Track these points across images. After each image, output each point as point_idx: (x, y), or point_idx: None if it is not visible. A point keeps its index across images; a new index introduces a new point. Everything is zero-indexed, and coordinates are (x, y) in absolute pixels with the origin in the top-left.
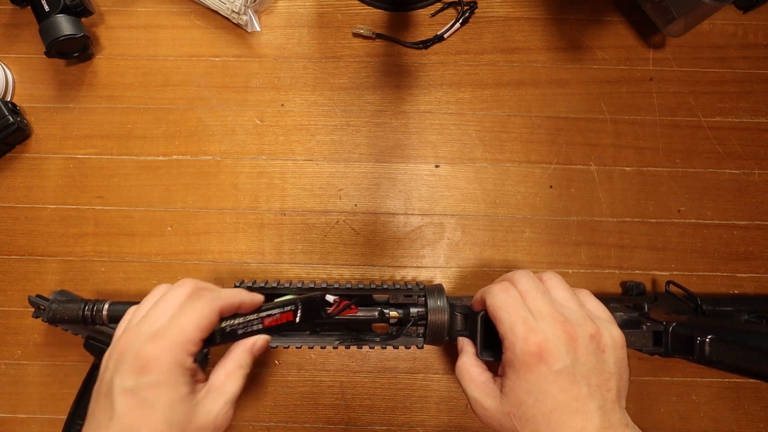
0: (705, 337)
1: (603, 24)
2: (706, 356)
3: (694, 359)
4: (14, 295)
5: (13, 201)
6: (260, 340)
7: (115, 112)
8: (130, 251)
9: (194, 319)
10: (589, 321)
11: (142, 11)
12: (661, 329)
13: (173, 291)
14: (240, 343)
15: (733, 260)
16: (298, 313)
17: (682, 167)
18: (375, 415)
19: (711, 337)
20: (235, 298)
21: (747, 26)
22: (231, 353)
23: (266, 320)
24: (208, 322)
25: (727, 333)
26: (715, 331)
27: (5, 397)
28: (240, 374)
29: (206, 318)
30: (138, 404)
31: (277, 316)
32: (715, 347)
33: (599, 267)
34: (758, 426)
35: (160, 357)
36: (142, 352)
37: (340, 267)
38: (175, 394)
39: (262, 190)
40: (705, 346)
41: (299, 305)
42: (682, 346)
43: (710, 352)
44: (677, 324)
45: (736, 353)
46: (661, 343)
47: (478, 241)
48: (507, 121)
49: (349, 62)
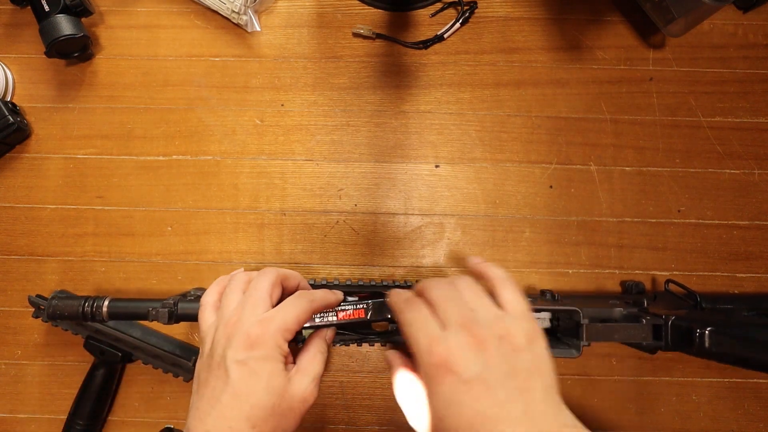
0: (705, 329)
1: (603, 24)
2: (706, 348)
3: (694, 352)
4: (14, 295)
5: (13, 201)
6: (330, 332)
7: (115, 112)
8: (130, 251)
9: (296, 314)
10: (499, 322)
11: (142, 11)
12: (661, 323)
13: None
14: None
15: (733, 260)
16: (370, 312)
17: (682, 167)
18: (375, 415)
19: (711, 329)
20: (327, 300)
21: (747, 26)
22: (311, 342)
23: (340, 314)
24: (305, 318)
25: (727, 325)
26: (714, 324)
27: (5, 397)
28: (320, 358)
29: (305, 314)
30: (248, 372)
31: (351, 312)
32: (715, 339)
33: (599, 267)
34: (758, 426)
35: (265, 337)
36: (252, 331)
37: (340, 267)
38: (275, 368)
39: (262, 190)
40: (705, 339)
41: (371, 305)
42: (681, 339)
43: (710, 344)
44: (677, 317)
45: (736, 345)
46: (661, 337)
47: (478, 241)
48: (507, 121)
49: (349, 62)
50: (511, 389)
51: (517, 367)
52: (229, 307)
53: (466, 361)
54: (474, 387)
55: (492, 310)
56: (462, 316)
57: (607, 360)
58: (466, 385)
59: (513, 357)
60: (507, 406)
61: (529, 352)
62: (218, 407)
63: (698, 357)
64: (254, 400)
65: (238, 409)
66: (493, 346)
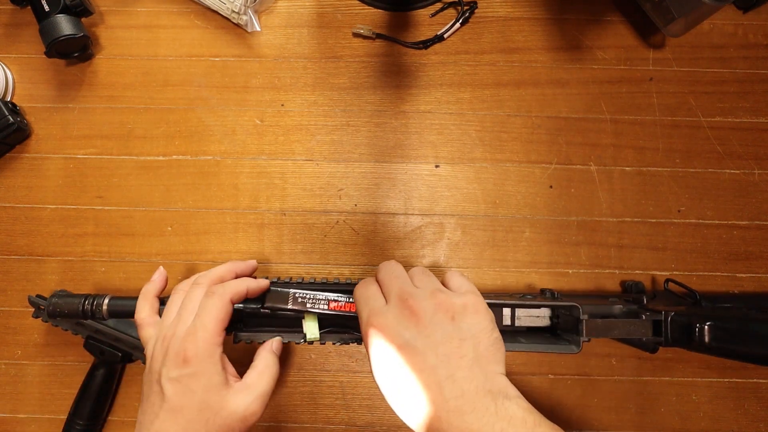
0: (704, 323)
1: (603, 24)
2: (706, 343)
3: (694, 347)
4: (14, 295)
5: (13, 201)
6: (275, 342)
7: (115, 112)
8: (130, 251)
9: (213, 316)
10: (438, 294)
11: (142, 11)
12: (661, 318)
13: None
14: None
15: (733, 260)
16: None
17: (682, 167)
18: (375, 415)
19: (710, 323)
20: (241, 286)
21: (747, 26)
22: (258, 356)
23: (332, 304)
24: (224, 313)
25: (727, 320)
26: (714, 319)
27: (5, 397)
28: (268, 374)
29: (221, 311)
30: (182, 390)
31: (343, 304)
32: (715, 333)
33: (599, 267)
34: (758, 426)
35: (195, 351)
36: (181, 348)
37: (340, 267)
38: (209, 383)
39: (262, 190)
40: (704, 333)
41: None
42: (681, 334)
43: (710, 338)
44: (676, 313)
45: (736, 339)
46: (660, 333)
47: (478, 241)
48: (507, 121)
49: (349, 62)
50: (441, 355)
51: (449, 335)
52: (165, 321)
53: (398, 331)
54: (404, 353)
55: (435, 285)
56: (402, 290)
57: (607, 360)
58: (397, 352)
59: (448, 325)
60: (432, 371)
61: (465, 322)
62: (156, 423)
63: (698, 352)
64: (189, 416)
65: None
66: (428, 317)
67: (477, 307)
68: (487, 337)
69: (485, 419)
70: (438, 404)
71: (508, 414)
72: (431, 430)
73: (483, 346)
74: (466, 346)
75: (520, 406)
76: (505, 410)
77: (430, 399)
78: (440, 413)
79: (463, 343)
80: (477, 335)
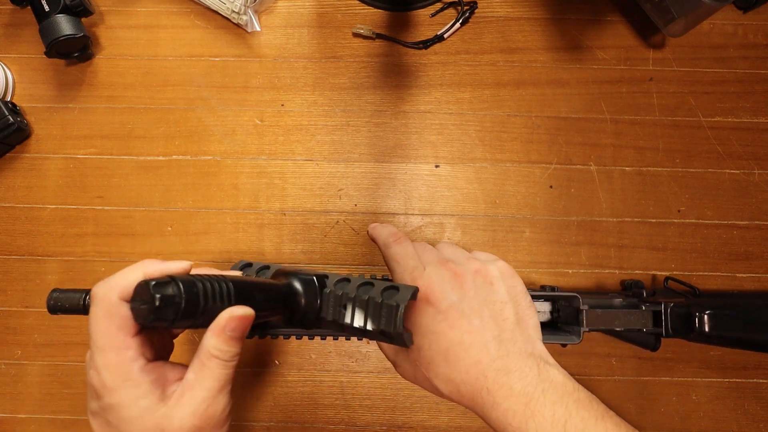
0: (704, 312)
1: (603, 24)
2: (706, 332)
3: (694, 337)
4: (14, 295)
5: (13, 201)
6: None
7: (115, 112)
8: (130, 251)
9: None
10: (474, 261)
11: (142, 11)
12: (660, 309)
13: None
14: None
15: (733, 260)
16: None
17: (682, 167)
18: (375, 415)
19: (710, 311)
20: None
21: (747, 26)
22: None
23: None
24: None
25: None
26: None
27: (5, 397)
28: (214, 364)
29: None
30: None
31: None
32: (715, 322)
33: (599, 267)
34: (758, 426)
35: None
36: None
37: (340, 267)
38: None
39: (262, 190)
40: (704, 322)
41: None
42: (681, 324)
43: (710, 327)
44: (676, 303)
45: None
46: (660, 324)
47: (478, 241)
48: (507, 121)
49: (349, 62)
50: (485, 318)
51: (491, 298)
52: None
53: (443, 292)
54: (450, 316)
55: (466, 255)
56: (440, 257)
57: (607, 360)
58: (443, 315)
59: (487, 289)
60: (479, 332)
61: (503, 285)
62: None
63: (698, 342)
64: None
65: None
66: (469, 279)
67: (511, 272)
68: (524, 300)
69: (528, 379)
70: (485, 363)
71: (549, 377)
72: (475, 389)
73: (522, 309)
74: (508, 308)
75: (560, 372)
76: (546, 373)
77: (478, 358)
78: (487, 372)
79: (504, 306)
80: (515, 297)
